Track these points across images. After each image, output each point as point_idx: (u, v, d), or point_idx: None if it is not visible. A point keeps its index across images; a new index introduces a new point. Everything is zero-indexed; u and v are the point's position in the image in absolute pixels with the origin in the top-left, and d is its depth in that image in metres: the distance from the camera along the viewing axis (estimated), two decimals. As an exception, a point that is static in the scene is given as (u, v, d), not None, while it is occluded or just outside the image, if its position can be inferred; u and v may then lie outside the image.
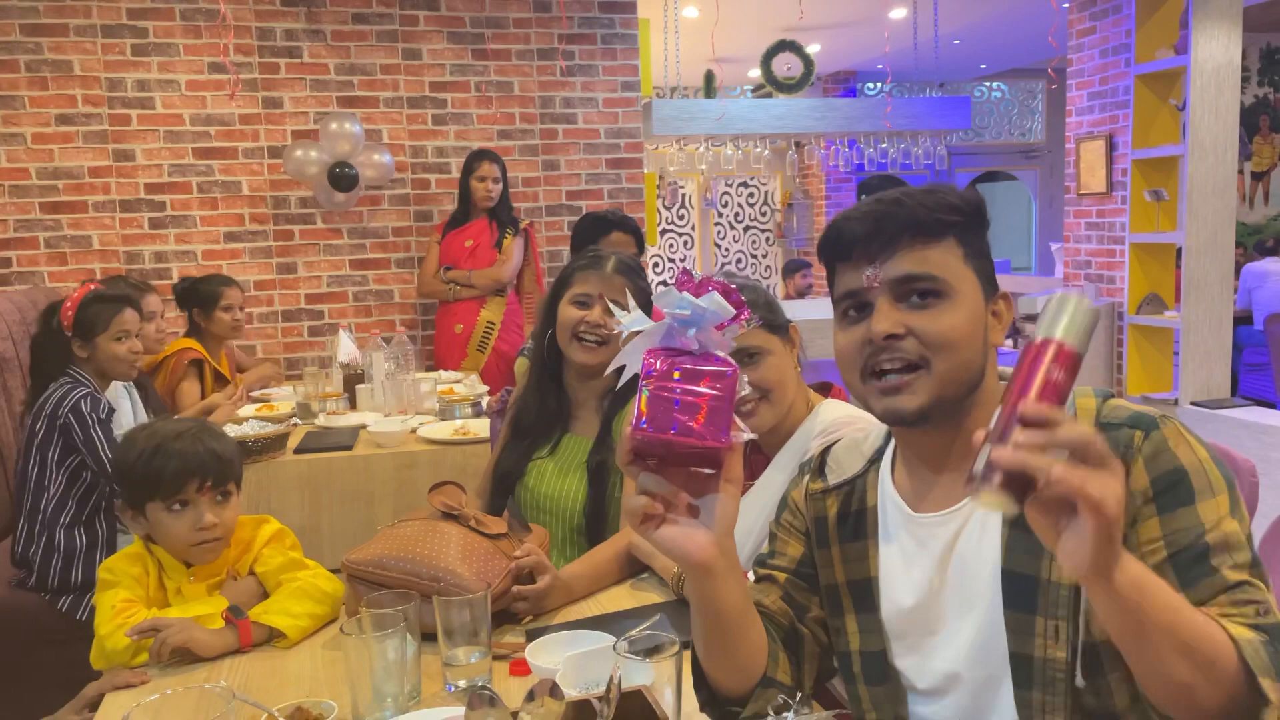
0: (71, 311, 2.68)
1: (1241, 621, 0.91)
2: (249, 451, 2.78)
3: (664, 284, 8.87)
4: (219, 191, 4.67)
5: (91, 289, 2.76)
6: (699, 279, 0.95)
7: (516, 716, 1.06)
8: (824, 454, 1.29)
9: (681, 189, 9.57)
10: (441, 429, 3.05)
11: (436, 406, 3.33)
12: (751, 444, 1.80)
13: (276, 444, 2.88)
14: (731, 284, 0.95)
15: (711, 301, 0.92)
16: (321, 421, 3.29)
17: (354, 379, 3.57)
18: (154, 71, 4.54)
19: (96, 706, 1.42)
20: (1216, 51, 4.75)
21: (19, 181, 4.43)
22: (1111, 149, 5.42)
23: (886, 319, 1.05)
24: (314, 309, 4.85)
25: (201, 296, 3.75)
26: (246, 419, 3.09)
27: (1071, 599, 1.01)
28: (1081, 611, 1.01)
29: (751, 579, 1.28)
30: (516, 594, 1.64)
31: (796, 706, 1.13)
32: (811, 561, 1.25)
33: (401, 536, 1.64)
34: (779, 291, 9.68)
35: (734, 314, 0.92)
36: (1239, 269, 6.49)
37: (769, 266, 9.96)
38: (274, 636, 1.58)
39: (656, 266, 9.42)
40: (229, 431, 2.83)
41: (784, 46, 6.98)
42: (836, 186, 9.33)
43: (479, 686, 1.19)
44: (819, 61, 7.70)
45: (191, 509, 1.63)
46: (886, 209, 1.08)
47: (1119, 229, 5.40)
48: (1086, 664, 1.01)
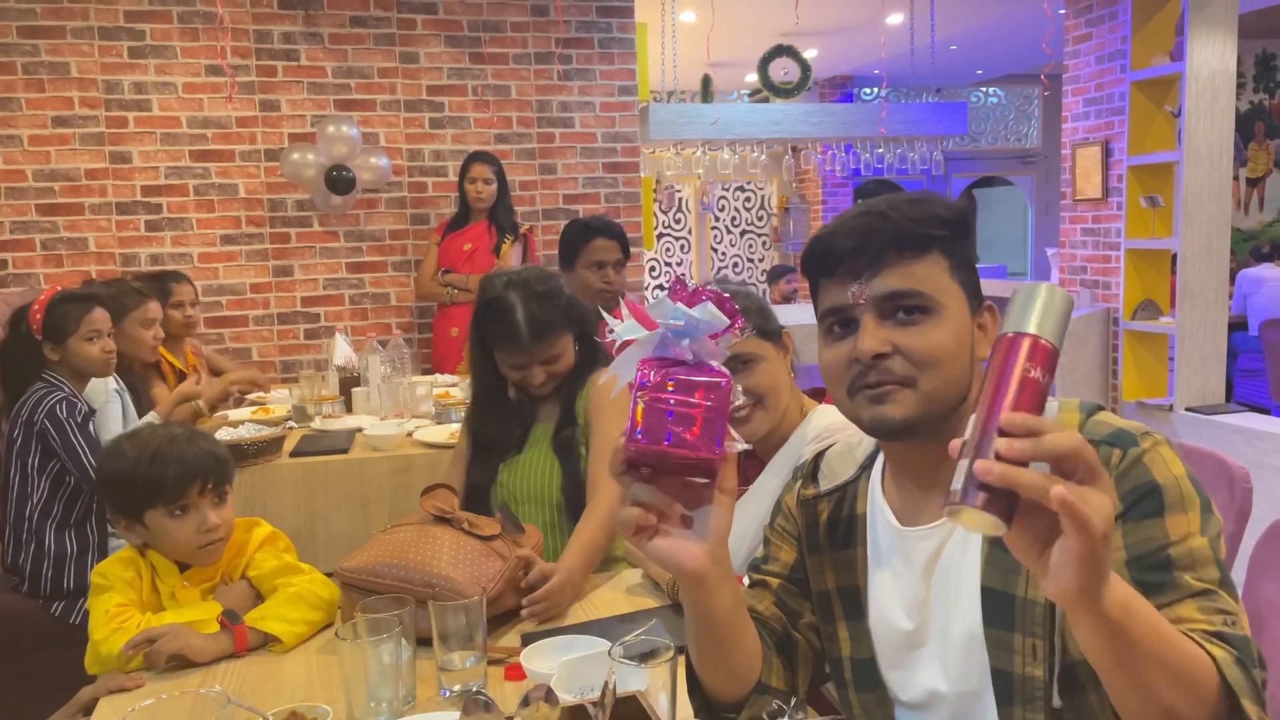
0: (40, 315, 2.65)
1: (1209, 629, 0.89)
2: (244, 455, 2.77)
3: (660, 288, 8.87)
4: (216, 194, 4.66)
5: (57, 290, 2.71)
6: (692, 288, 0.95)
7: (511, 722, 1.06)
8: (817, 459, 1.29)
9: (678, 193, 9.57)
10: (438, 433, 3.05)
11: (433, 410, 3.33)
12: (745, 449, 1.80)
13: (272, 447, 2.87)
14: (725, 292, 0.95)
15: (705, 312, 0.91)
16: (317, 425, 3.28)
17: (350, 382, 3.56)
18: (151, 74, 4.54)
19: (91, 711, 1.42)
20: (1212, 58, 4.77)
21: (15, 183, 4.43)
22: (1107, 155, 5.43)
23: (873, 337, 1.03)
24: (310, 312, 4.84)
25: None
26: (241, 422, 3.09)
27: (1048, 617, 1.00)
28: (1058, 630, 0.99)
29: (746, 583, 1.29)
30: (528, 603, 1.65)
31: (790, 712, 1.13)
32: (804, 567, 1.25)
33: (394, 542, 1.64)
34: (769, 296, 9.71)
35: (728, 324, 0.92)
36: (1234, 275, 6.51)
37: (765, 271, 9.97)
38: (269, 641, 1.58)
39: (653, 270, 9.43)
40: (225, 435, 2.83)
41: (781, 51, 6.99)
42: (833, 191, 9.34)
43: (474, 691, 1.19)
44: (816, 66, 7.71)
45: (194, 512, 1.63)
46: (871, 223, 1.05)
47: (1114, 235, 5.41)
48: (1066, 682, 1.00)
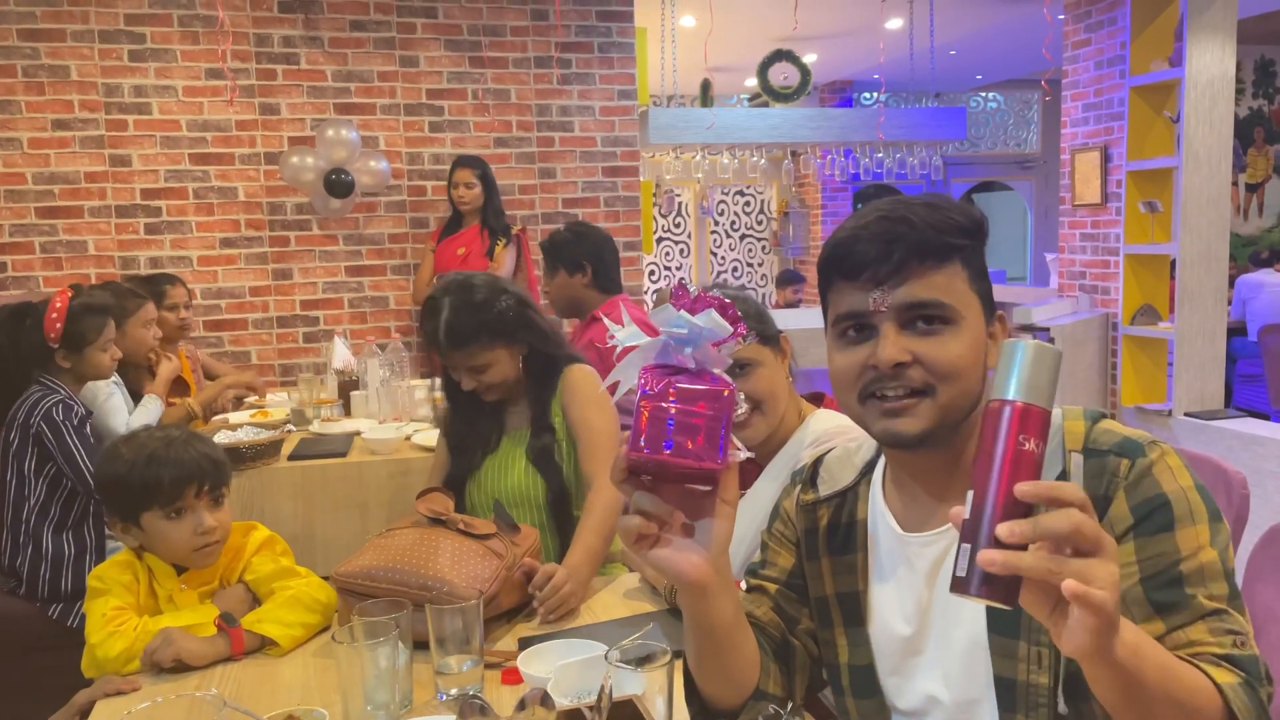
0: (60, 323, 2.65)
1: (1219, 652, 0.91)
2: (242, 458, 2.77)
3: (659, 292, 8.86)
4: (215, 197, 4.67)
5: (71, 297, 2.71)
6: (695, 294, 0.95)
7: (507, 726, 1.06)
8: (816, 464, 1.29)
9: (678, 197, 9.58)
10: (436, 436, 3.04)
11: (431, 413, 3.33)
12: (743, 454, 1.81)
13: (270, 450, 2.87)
14: (724, 298, 0.95)
15: (708, 319, 0.91)
16: (316, 428, 3.28)
17: (349, 385, 3.56)
18: (151, 77, 4.54)
19: (88, 714, 1.42)
20: (1211, 64, 4.77)
21: (15, 186, 4.43)
22: (1106, 160, 5.44)
23: (894, 346, 1.02)
24: (309, 315, 4.84)
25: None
26: (240, 425, 3.09)
27: None
28: None
29: (743, 588, 1.29)
30: (540, 601, 1.66)
31: (787, 717, 1.13)
32: (802, 573, 1.24)
33: (390, 546, 1.64)
34: (773, 300, 9.71)
35: (731, 331, 0.92)
36: (1233, 281, 6.51)
37: (765, 275, 9.97)
38: (266, 644, 1.58)
39: (653, 274, 9.43)
40: (223, 438, 2.83)
41: (780, 56, 7.00)
42: (833, 196, 9.35)
43: (470, 695, 1.19)
44: (815, 71, 7.72)
45: (190, 514, 1.63)
46: (895, 229, 1.04)
47: (1113, 240, 5.41)
48: (1070, 690, 1.00)
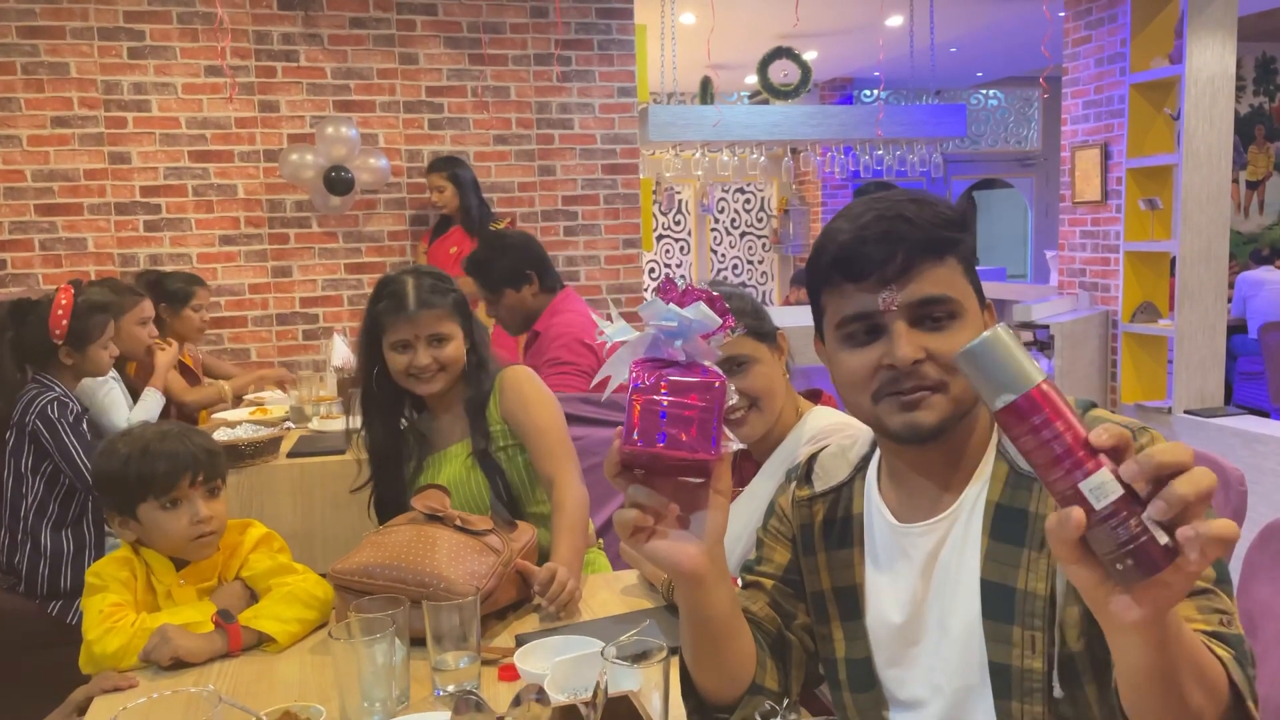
0: (66, 320, 2.66)
1: (1207, 629, 0.91)
2: (241, 455, 2.78)
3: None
4: (215, 195, 4.67)
5: (75, 294, 2.72)
6: (683, 288, 0.95)
7: (502, 722, 1.06)
8: (811, 460, 1.29)
9: (678, 195, 9.58)
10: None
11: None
12: (740, 451, 1.80)
13: (269, 448, 2.87)
14: (719, 294, 0.95)
15: (697, 311, 0.92)
16: (315, 426, 3.29)
17: (348, 383, 3.56)
18: (150, 74, 4.54)
19: (85, 710, 1.42)
20: (1211, 61, 4.77)
21: (14, 184, 4.43)
22: (1106, 157, 5.43)
23: (909, 344, 1.03)
24: (309, 313, 4.84)
25: (170, 292, 3.74)
26: (239, 423, 3.09)
27: (1047, 609, 1.01)
28: (1057, 622, 1.01)
29: (739, 585, 1.29)
30: (549, 600, 1.66)
31: (783, 713, 1.13)
32: (798, 568, 1.25)
33: (387, 543, 1.65)
34: (775, 297, 9.71)
35: (720, 323, 0.92)
36: (1233, 278, 6.51)
37: (765, 273, 9.97)
38: (263, 641, 1.58)
39: (653, 272, 9.43)
40: (222, 435, 2.84)
41: (781, 53, 6.99)
42: (833, 193, 9.35)
43: (465, 691, 1.19)
44: (816, 68, 7.71)
45: (186, 505, 1.64)
46: (897, 228, 1.04)
47: (1114, 237, 5.41)
48: (1064, 675, 1.01)
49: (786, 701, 1.16)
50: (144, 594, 1.66)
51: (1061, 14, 5.80)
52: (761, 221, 9.94)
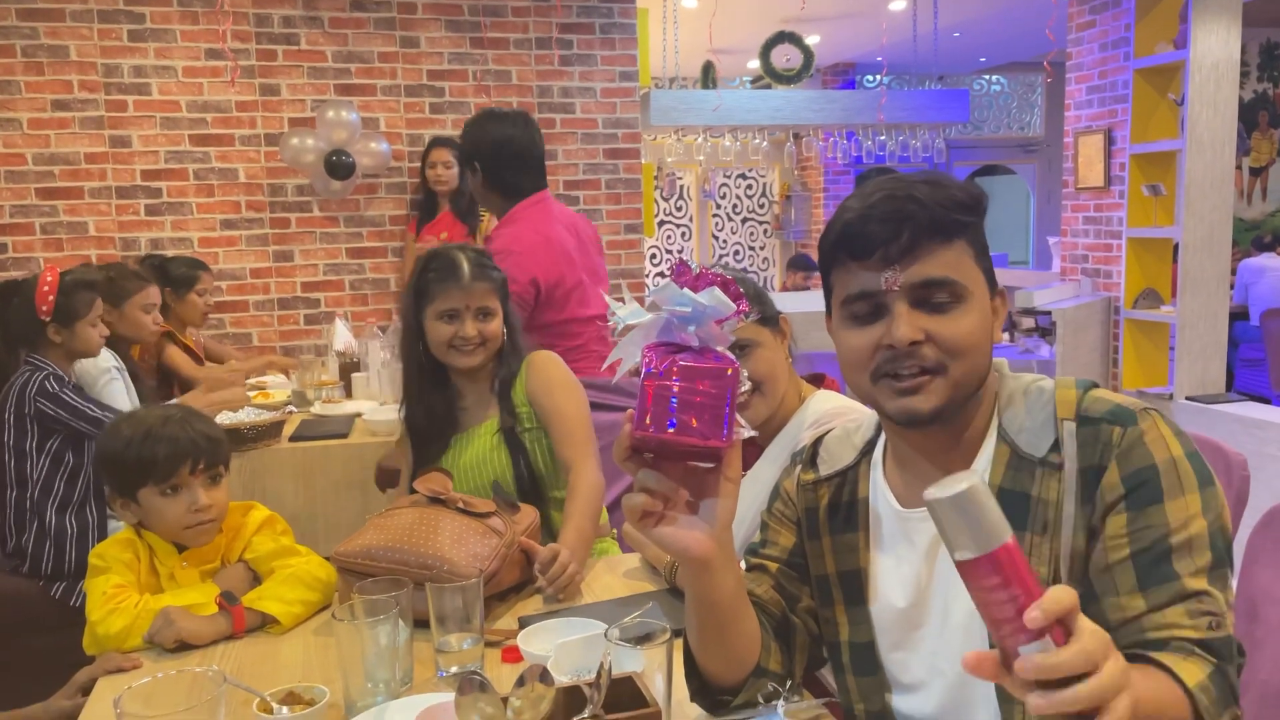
0: (52, 296, 2.65)
1: (1194, 636, 0.93)
2: (244, 439, 2.78)
3: (661, 275, 8.86)
4: (215, 179, 4.65)
5: (61, 273, 2.72)
6: (696, 272, 0.94)
7: (507, 702, 1.06)
8: (816, 444, 1.29)
9: (679, 180, 9.55)
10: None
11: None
12: (743, 435, 1.81)
13: (271, 431, 2.88)
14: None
15: (712, 297, 0.91)
16: (317, 409, 3.29)
17: (349, 367, 3.57)
18: (150, 57, 4.52)
19: (89, 691, 1.43)
20: (1216, 46, 4.74)
21: (15, 167, 4.42)
22: (1110, 143, 5.42)
23: (909, 325, 1.03)
24: (310, 297, 4.84)
25: (175, 278, 3.75)
26: (241, 406, 3.09)
27: None
28: None
29: (743, 568, 1.29)
30: (549, 580, 1.65)
31: (787, 695, 1.14)
32: (803, 552, 1.25)
33: (390, 525, 1.65)
34: (776, 283, 9.69)
35: (734, 309, 0.92)
36: (1235, 265, 6.50)
37: (766, 259, 9.95)
38: (267, 622, 1.59)
39: (654, 258, 9.42)
40: (224, 419, 2.84)
41: (783, 38, 6.96)
42: (835, 179, 9.32)
43: (469, 671, 1.19)
44: (818, 53, 7.68)
45: (185, 492, 1.64)
46: (905, 208, 1.04)
47: (1116, 223, 5.40)
48: None
49: (790, 684, 1.17)
50: (147, 576, 1.66)
51: (1065, -2, 5.78)
52: (763, 207, 9.92)
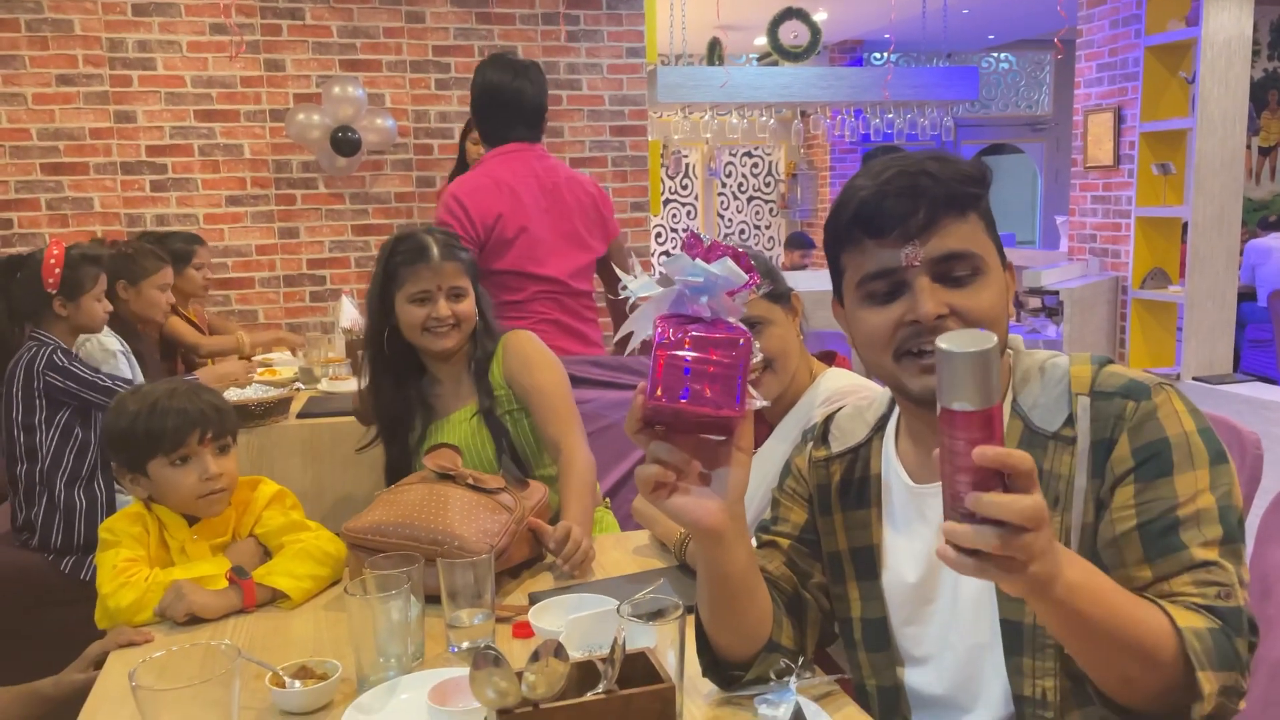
0: (59, 270, 2.66)
1: (1201, 602, 0.93)
2: (251, 416, 2.78)
3: (666, 254, 8.85)
4: (221, 155, 4.64)
5: (66, 247, 2.72)
6: (708, 243, 0.94)
7: (521, 676, 1.06)
8: (828, 421, 1.29)
9: (685, 158, 9.51)
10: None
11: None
12: (755, 412, 1.80)
13: (279, 408, 2.88)
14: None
15: (724, 267, 0.91)
16: (324, 386, 3.29)
17: (356, 345, 3.55)
18: (155, 32, 4.49)
19: (101, 665, 1.43)
20: (1228, 23, 4.70)
21: (20, 142, 4.40)
22: (1120, 121, 5.38)
23: (933, 300, 1.03)
24: (316, 274, 4.83)
25: (174, 253, 3.74)
26: (249, 383, 3.10)
27: None
28: None
29: (754, 545, 1.29)
30: (564, 558, 1.65)
31: (798, 671, 1.14)
32: (814, 528, 1.25)
33: (400, 501, 1.65)
34: (780, 262, 9.66)
35: (746, 280, 0.92)
36: (1242, 245, 6.47)
37: (772, 238, 9.92)
38: (277, 597, 1.59)
39: (659, 237, 9.39)
40: (232, 395, 2.84)
41: (791, 14, 6.90)
42: (841, 157, 9.26)
43: (483, 646, 1.19)
44: (826, 30, 7.62)
45: (195, 461, 1.64)
46: (919, 183, 1.04)
47: (1125, 203, 5.37)
48: None
49: (801, 659, 1.17)
50: (157, 550, 1.66)
51: (1077, -25, 5.72)
52: (769, 186, 9.88)
